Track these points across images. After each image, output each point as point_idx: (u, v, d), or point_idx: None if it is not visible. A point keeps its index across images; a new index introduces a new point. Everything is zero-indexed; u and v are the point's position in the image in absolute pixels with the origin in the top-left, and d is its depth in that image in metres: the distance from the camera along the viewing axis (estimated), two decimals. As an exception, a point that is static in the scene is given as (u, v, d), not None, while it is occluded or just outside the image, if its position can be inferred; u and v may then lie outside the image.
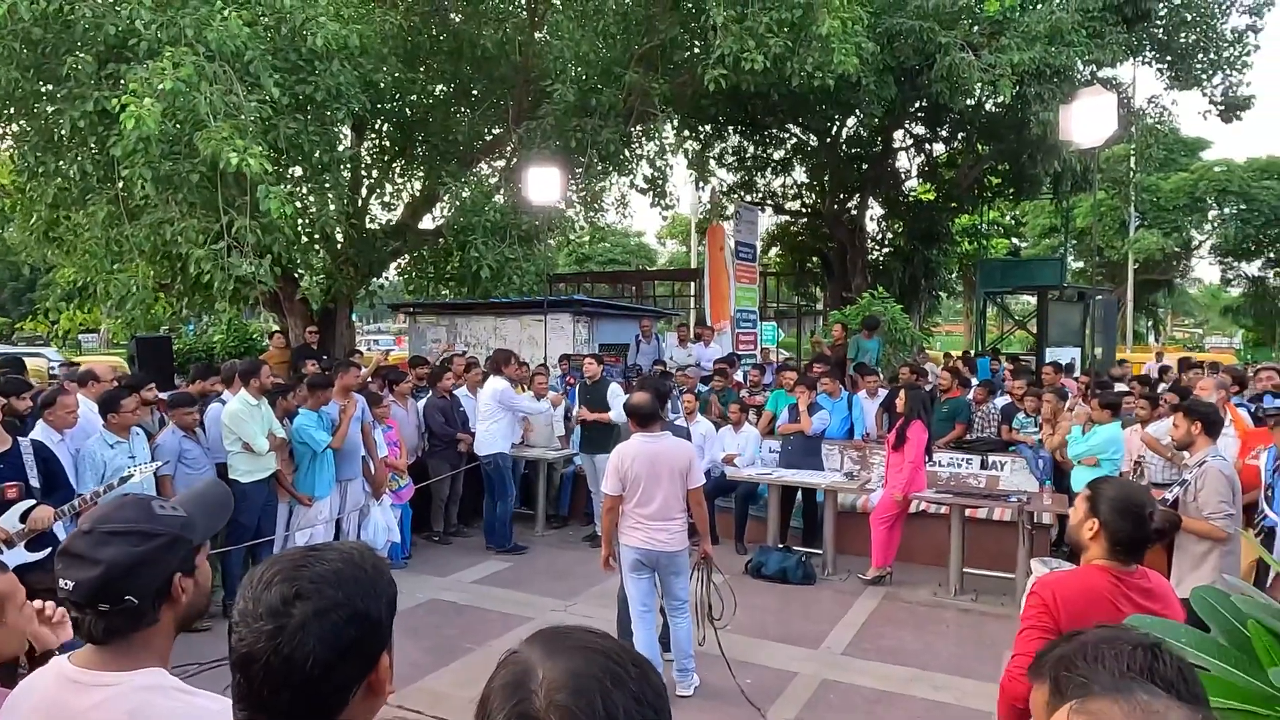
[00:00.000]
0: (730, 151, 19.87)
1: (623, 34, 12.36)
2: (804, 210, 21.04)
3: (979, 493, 7.20)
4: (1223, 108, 15.46)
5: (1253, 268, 37.39)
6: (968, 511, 6.81)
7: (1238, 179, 33.68)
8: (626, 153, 14.01)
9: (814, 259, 21.40)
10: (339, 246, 12.70)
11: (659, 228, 47.42)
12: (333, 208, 10.38)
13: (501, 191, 13.08)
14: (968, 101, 14.19)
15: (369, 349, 23.39)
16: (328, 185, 10.37)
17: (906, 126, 18.23)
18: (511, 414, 7.98)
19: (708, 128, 18.07)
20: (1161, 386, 8.28)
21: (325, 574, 1.05)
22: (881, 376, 9.63)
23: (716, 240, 14.82)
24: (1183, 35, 14.64)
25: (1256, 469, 5.34)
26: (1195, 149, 34.86)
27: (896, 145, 18.97)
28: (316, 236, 11.36)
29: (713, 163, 19.49)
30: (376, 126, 13.57)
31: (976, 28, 13.28)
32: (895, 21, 12.87)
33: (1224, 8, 14.66)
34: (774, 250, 23.62)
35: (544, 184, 10.24)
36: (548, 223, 12.37)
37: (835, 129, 17.84)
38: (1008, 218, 35.57)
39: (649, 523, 4.57)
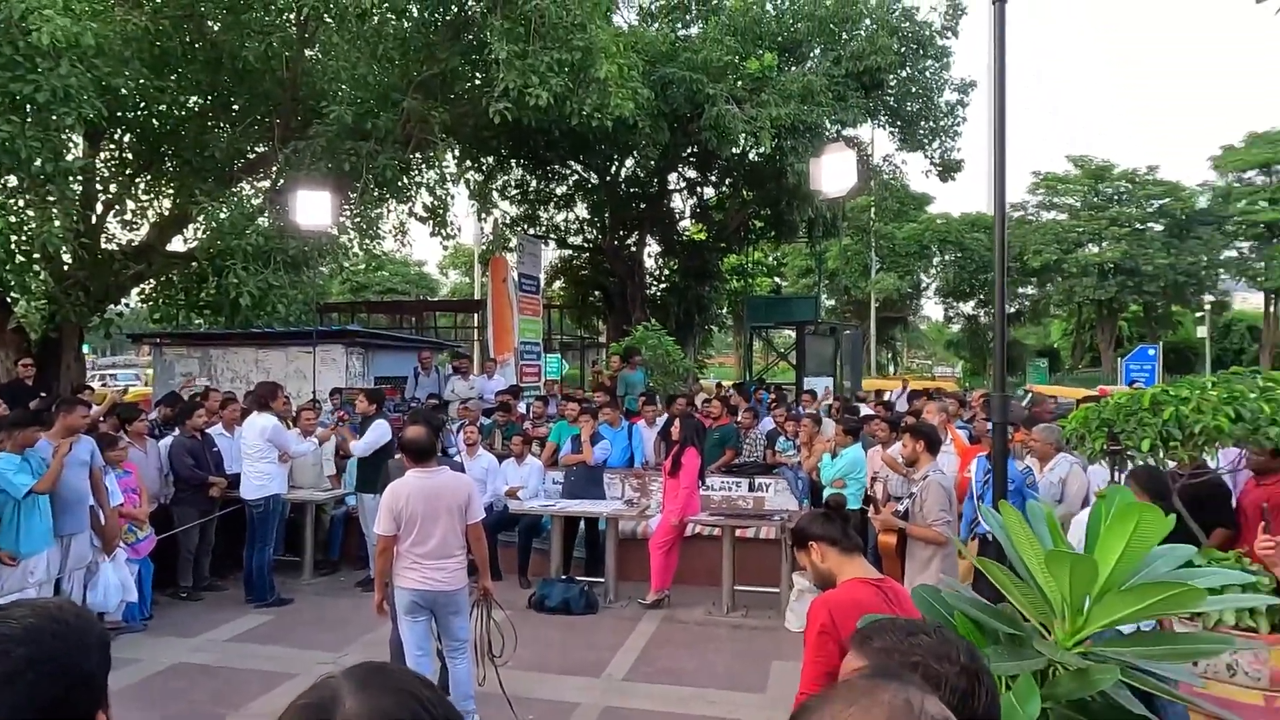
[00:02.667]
0: (513, 184, 19.95)
1: (402, 59, 12.08)
2: (586, 245, 21.55)
3: (747, 513, 7.68)
4: (941, 168, 17.91)
5: (968, 307, 43.43)
6: (738, 531, 7.23)
7: (955, 230, 39.15)
8: (405, 179, 13.62)
9: (596, 293, 21.93)
10: (66, 268, 11.17)
11: (441, 258, 46.34)
12: (58, 224, 9.13)
13: (266, 214, 12.18)
14: (734, 150, 15.33)
15: (104, 384, 20.70)
16: (51, 198, 9.13)
17: (680, 170, 19.30)
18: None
19: (490, 159, 18.03)
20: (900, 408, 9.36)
21: (12, 633, 0.92)
22: (659, 405, 10.01)
23: (499, 272, 14.77)
24: (909, 104, 16.82)
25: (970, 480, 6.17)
26: (922, 203, 40.06)
27: (671, 187, 20.01)
28: (36, 256, 9.93)
29: (495, 194, 19.46)
30: (116, 136, 12.17)
31: (740, 83, 14.42)
32: (668, 71, 13.66)
33: (940, 84, 17.03)
34: (558, 283, 23.94)
35: (314, 208, 9.68)
36: (318, 249, 11.68)
37: (615, 168, 18.50)
38: (771, 258, 38.68)
39: (426, 562, 4.41)
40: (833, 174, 8.32)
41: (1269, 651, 4.56)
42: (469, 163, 17.27)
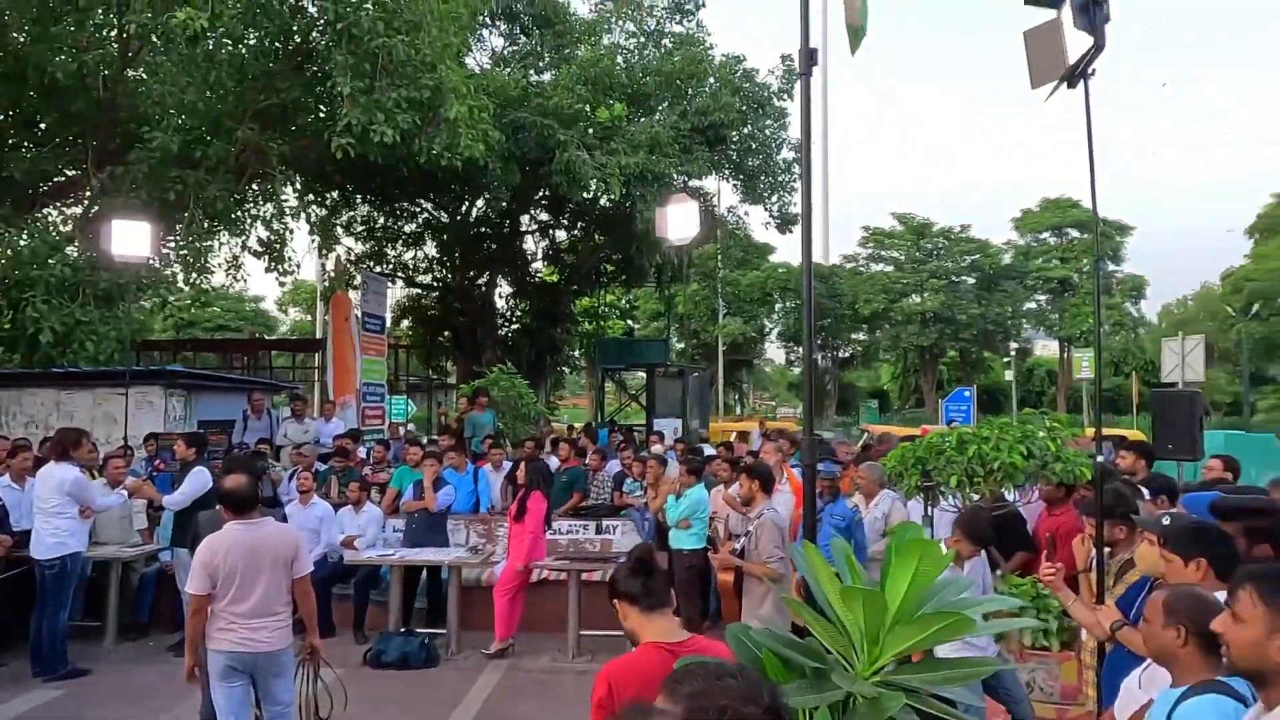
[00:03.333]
0: (359, 220, 19.33)
1: (237, 86, 11.50)
2: (435, 284, 21.12)
3: (593, 556, 7.67)
4: (779, 221, 18.97)
5: (807, 351, 45.92)
6: (584, 575, 7.20)
7: (795, 279, 41.40)
8: (239, 212, 12.91)
9: (446, 333, 21.48)
10: None
11: (280, 294, 43.94)
12: None
13: (76, 243, 11.16)
14: (584, 194, 15.60)
15: None
16: None
17: (532, 212, 19.40)
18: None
19: (335, 194, 17.41)
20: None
21: None
22: (506, 448, 9.89)
23: (341, 310, 14.21)
24: (750, 160, 17.76)
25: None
26: (765, 252, 42.15)
27: (524, 228, 20.06)
28: None
29: (340, 230, 18.77)
30: (-110, 150, 10.84)
31: (591, 130, 14.75)
32: (520, 115, 13.78)
33: (778, 142, 18.12)
34: (405, 323, 23.27)
35: (130, 238, 8.94)
36: (135, 282, 10.79)
37: (466, 208, 18.34)
38: (624, 301, 39.34)
39: (245, 621, 4.09)
40: (677, 223, 8.65)
41: (1059, 668, 5.03)
42: (311, 196, 16.60)
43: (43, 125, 11.86)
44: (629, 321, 42.52)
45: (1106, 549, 3.90)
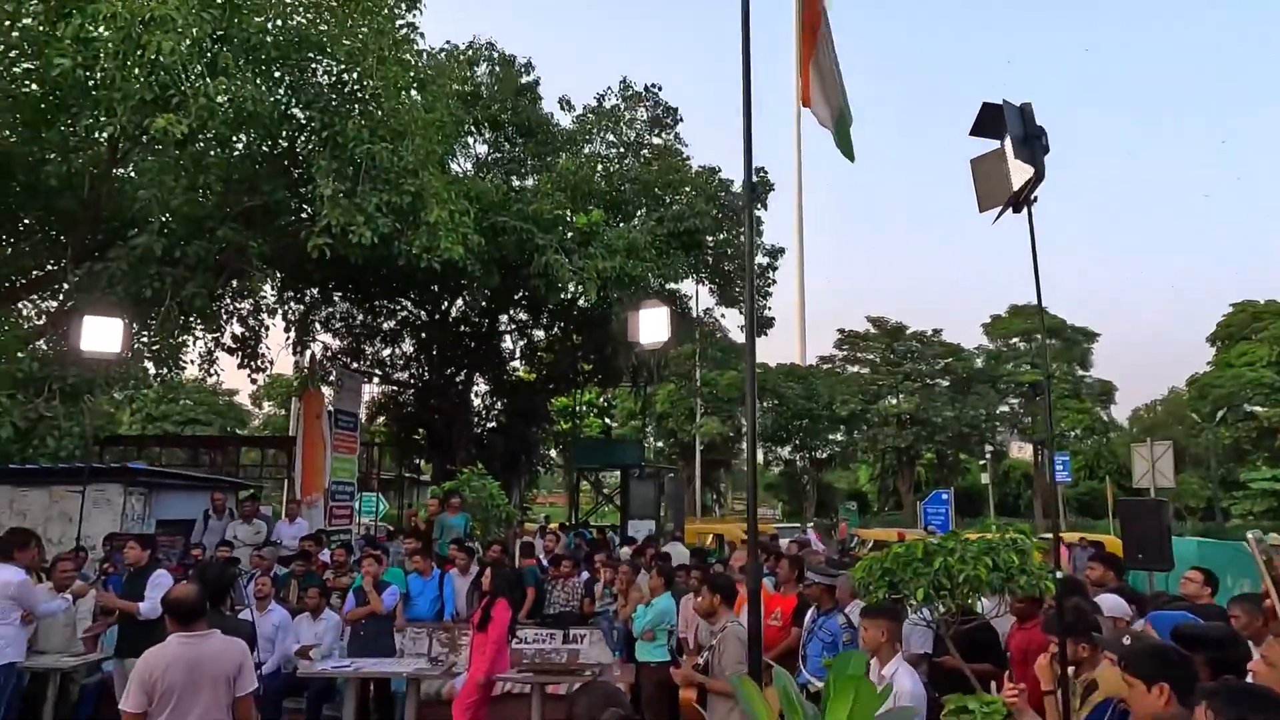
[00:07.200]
0: (338, 317, 19.42)
1: (222, 188, 11.73)
2: (412, 382, 21.08)
3: (557, 668, 7.41)
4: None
5: (785, 451, 45.87)
6: (549, 688, 6.93)
7: (772, 379, 41.81)
8: (215, 307, 12.94)
9: (420, 430, 21.29)
10: None
11: (255, 387, 43.56)
12: None
13: (47, 337, 11.10)
14: (563, 296, 15.82)
15: None
16: None
17: (511, 312, 19.60)
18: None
19: (314, 291, 17.53)
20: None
21: None
22: (478, 552, 9.66)
23: (313, 408, 14.10)
24: (725, 264, 18.21)
25: (775, 629, 6.34)
26: (743, 353, 42.61)
27: (502, 328, 20.22)
28: None
29: (318, 326, 18.84)
30: None
31: (571, 234, 15.09)
32: (500, 219, 14.10)
33: (754, 248, 18.61)
34: (380, 419, 23.08)
35: (102, 334, 8.91)
36: (105, 376, 10.68)
37: (445, 307, 18.52)
38: (602, 400, 39.33)
39: (181, 742, 3.88)
40: (648, 328, 8.79)
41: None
42: (290, 293, 16.71)
43: (25, 221, 11.96)
44: (606, 420, 42.46)
45: (1071, 668, 3.83)
